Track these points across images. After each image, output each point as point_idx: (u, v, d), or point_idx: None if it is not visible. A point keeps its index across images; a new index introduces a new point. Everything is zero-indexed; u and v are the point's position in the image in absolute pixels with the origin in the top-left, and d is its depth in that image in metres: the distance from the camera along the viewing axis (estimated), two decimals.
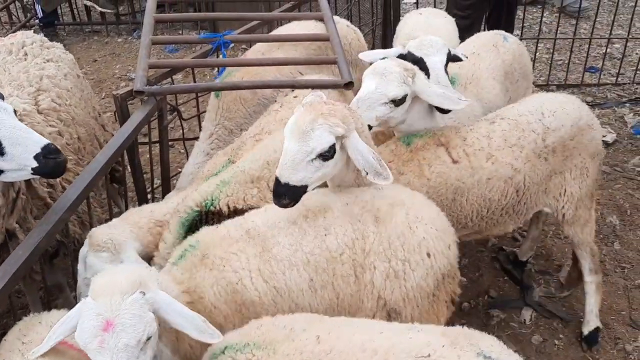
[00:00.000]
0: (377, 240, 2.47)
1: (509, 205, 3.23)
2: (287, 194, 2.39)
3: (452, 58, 3.43)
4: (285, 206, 2.41)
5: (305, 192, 2.44)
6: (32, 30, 4.14)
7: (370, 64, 3.17)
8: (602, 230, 4.53)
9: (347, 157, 2.53)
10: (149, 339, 1.99)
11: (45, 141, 2.60)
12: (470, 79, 3.71)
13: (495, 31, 4.25)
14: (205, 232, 2.61)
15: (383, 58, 3.37)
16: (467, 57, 3.58)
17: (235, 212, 2.83)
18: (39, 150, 2.55)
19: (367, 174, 2.48)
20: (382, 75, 2.93)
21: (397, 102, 2.95)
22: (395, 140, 3.18)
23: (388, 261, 2.46)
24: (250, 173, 2.96)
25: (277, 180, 2.39)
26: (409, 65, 3.04)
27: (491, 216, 3.24)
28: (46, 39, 4.08)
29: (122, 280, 2.03)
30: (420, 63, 3.29)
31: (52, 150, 2.58)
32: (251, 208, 2.83)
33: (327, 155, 2.42)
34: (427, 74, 3.25)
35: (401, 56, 3.38)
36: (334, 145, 2.42)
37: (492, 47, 3.88)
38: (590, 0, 8.26)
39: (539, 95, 3.51)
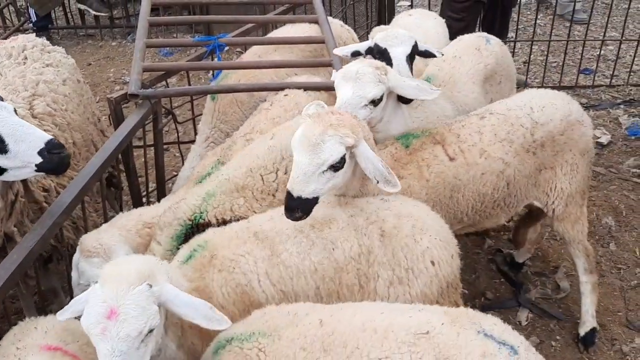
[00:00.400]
0: (381, 253, 2.50)
1: (501, 198, 3.27)
2: (300, 207, 2.38)
3: (422, 53, 3.47)
4: (298, 219, 2.41)
5: (316, 203, 2.44)
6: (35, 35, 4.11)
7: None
8: (598, 232, 4.54)
9: (354, 165, 2.54)
10: (151, 331, 2.01)
11: (48, 136, 2.58)
12: (447, 82, 3.71)
13: (478, 34, 4.25)
14: (213, 233, 2.62)
15: (355, 51, 3.48)
16: (442, 54, 3.60)
17: (224, 223, 2.82)
18: (42, 145, 2.53)
19: (377, 182, 2.49)
20: (355, 79, 2.92)
21: (376, 102, 2.95)
22: (393, 142, 3.19)
23: (392, 270, 2.49)
24: (235, 181, 2.96)
25: (289, 194, 2.38)
26: (378, 63, 3.05)
27: (484, 209, 3.28)
28: (48, 42, 4.06)
29: (130, 270, 2.05)
30: (385, 54, 3.34)
31: (56, 145, 2.57)
32: (240, 219, 2.82)
33: (338, 166, 2.43)
34: (391, 64, 3.29)
35: (369, 49, 3.44)
36: (344, 155, 2.43)
37: (474, 50, 3.87)
38: (584, 2, 8.29)
39: (528, 91, 3.53)
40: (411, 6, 7.23)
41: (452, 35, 4.53)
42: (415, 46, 3.39)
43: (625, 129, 5.84)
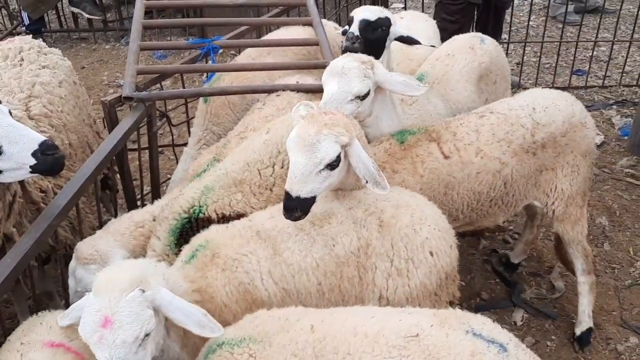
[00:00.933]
0: (379, 244, 2.53)
1: (498, 197, 3.27)
2: (298, 207, 2.41)
3: (404, 38, 3.52)
4: (297, 219, 2.43)
5: (313, 203, 2.47)
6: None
7: None
8: (592, 232, 4.55)
9: (348, 163, 2.56)
10: (147, 335, 2.03)
11: (42, 137, 2.59)
12: (440, 80, 3.72)
13: (473, 33, 4.26)
14: (215, 230, 2.63)
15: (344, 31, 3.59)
16: (433, 46, 3.64)
17: (224, 218, 2.82)
18: (36, 147, 2.54)
19: (366, 182, 2.53)
20: (341, 74, 2.93)
21: (363, 97, 2.96)
22: (388, 138, 3.20)
23: (390, 261, 2.51)
24: (232, 176, 2.96)
25: (287, 194, 2.40)
26: (365, 57, 3.06)
27: (481, 207, 3.28)
28: (45, 44, 4.06)
29: (122, 277, 2.07)
30: (351, 21, 3.48)
31: (50, 146, 2.57)
32: (238, 214, 2.84)
33: (334, 164, 2.46)
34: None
35: (344, 30, 3.58)
36: (340, 154, 2.46)
37: (468, 49, 3.88)
38: (577, 3, 8.33)
39: (532, 91, 3.51)
40: (404, 8, 7.25)
41: (446, 37, 4.53)
42: (387, 19, 3.45)
43: (618, 129, 5.87)
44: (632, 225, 4.64)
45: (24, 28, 8.19)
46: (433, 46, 3.64)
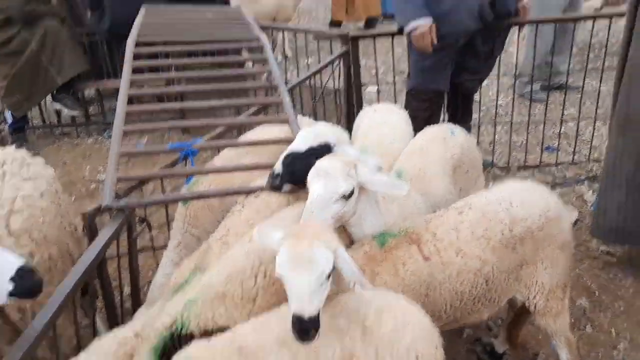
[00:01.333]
0: (363, 353, 2.50)
1: (480, 294, 3.28)
2: (312, 327, 2.36)
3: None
4: (314, 337, 2.36)
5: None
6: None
7: None
8: (573, 314, 4.55)
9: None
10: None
11: (20, 262, 2.60)
12: (417, 174, 3.83)
13: (443, 125, 4.44)
14: (196, 349, 2.58)
15: None
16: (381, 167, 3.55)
17: (206, 333, 2.81)
18: (13, 273, 2.54)
19: (354, 284, 2.54)
20: (326, 174, 3.00)
21: (347, 196, 3.03)
22: (369, 242, 3.22)
23: None
24: (215, 289, 2.96)
25: (300, 319, 2.35)
26: (347, 159, 3.15)
27: (464, 306, 3.27)
28: (28, 154, 4.11)
29: None
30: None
31: (27, 272, 2.58)
32: (220, 329, 2.82)
33: (331, 272, 2.49)
34: None
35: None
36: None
37: (441, 140, 4.02)
38: (543, 81, 8.69)
39: (508, 184, 3.59)
40: (378, 91, 7.42)
41: (419, 124, 4.70)
42: (320, 148, 3.38)
43: (590, 205, 5.97)
44: (612, 305, 4.68)
45: (7, 127, 8.33)
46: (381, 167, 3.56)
